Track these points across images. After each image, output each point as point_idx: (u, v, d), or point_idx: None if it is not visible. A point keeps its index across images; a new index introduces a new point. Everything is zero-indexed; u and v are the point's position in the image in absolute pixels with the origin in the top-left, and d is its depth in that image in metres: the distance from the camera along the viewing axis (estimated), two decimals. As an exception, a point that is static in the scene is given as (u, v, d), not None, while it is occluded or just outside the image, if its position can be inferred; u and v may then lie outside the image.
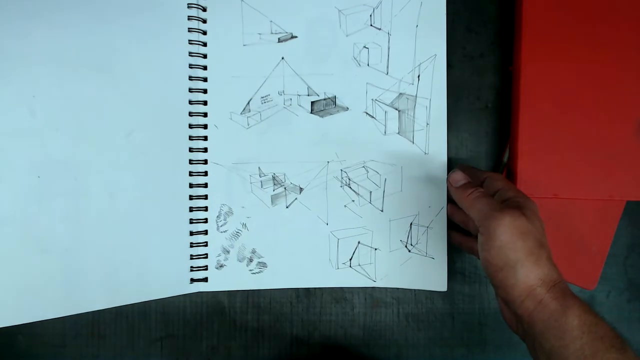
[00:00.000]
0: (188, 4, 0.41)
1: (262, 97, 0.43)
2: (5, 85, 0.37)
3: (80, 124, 0.39)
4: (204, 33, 0.42)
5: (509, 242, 0.31)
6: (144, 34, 0.40)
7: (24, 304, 0.37)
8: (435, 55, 0.43)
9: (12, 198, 0.37)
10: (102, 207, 0.39)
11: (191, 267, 0.42)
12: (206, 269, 0.42)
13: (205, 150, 0.42)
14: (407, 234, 0.43)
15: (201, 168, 0.42)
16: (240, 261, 0.43)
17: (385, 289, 0.44)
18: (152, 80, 0.40)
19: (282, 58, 0.43)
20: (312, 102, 0.43)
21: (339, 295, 0.44)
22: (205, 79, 0.42)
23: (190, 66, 0.42)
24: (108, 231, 0.39)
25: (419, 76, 0.43)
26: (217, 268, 0.43)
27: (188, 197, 0.42)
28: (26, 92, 0.37)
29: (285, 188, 0.43)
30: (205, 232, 0.42)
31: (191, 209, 0.42)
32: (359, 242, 0.43)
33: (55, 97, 0.38)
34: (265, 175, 0.43)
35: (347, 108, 0.43)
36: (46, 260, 0.38)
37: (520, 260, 0.30)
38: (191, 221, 0.42)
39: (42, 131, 0.38)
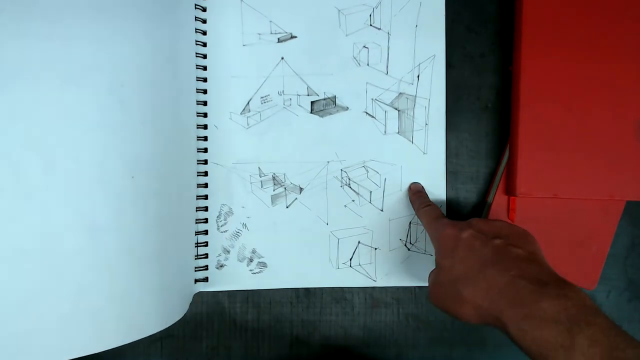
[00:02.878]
0: (188, 4, 0.41)
1: (261, 97, 0.43)
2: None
3: None
4: (204, 33, 0.42)
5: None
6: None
7: (127, 321, 0.34)
8: (434, 55, 0.43)
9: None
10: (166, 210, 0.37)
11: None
12: (206, 269, 0.42)
13: (205, 150, 0.42)
14: (407, 232, 0.43)
15: (201, 168, 0.42)
16: (240, 261, 0.43)
17: (385, 288, 0.44)
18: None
19: (282, 58, 0.43)
20: (312, 102, 0.43)
21: (339, 295, 0.44)
22: (205, 79, 0.42)
23: (190, 66, 0.42)
24: (160, 235, 0.37)
25: (418, 76, 0.43)
26: (217, 268, 0.43)
27: (195, 197, 0.41)
28: None
29: (285, 188, 0.43)
30: (206, 232, 0.42)
31: (191, 209, 0.42)
32: (359, 242, 0.43)
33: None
34: (265, 175, 0.43)
35: (347, 108, 0.43)
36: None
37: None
38: (191, 221, 0.42)
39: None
